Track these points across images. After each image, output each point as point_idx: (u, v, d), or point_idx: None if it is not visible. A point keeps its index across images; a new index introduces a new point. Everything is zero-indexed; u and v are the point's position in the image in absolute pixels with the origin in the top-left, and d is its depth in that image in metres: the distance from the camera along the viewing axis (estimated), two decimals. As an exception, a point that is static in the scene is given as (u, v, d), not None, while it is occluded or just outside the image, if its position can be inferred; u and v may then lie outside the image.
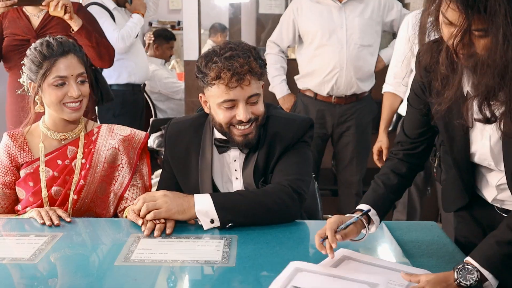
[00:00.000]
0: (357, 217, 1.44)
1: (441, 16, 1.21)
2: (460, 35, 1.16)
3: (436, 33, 1.27)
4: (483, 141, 1.36)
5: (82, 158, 1.90)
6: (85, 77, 1.87)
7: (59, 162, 1.89)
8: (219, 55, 1.69)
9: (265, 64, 1.77)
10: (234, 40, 1.78)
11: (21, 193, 1.89)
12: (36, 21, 2.68)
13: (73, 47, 1.86)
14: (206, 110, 1.83)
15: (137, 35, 3.77)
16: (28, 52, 1.86)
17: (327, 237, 1.38)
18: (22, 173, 1.88)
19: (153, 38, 4.71)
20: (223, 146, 1.83)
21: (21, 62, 1.88)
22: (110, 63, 2.85)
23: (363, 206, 1.50)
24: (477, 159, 1.42)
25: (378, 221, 1.49)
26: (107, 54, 2.76)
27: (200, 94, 1.82)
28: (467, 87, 1.31)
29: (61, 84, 1.82)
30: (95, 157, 1.91)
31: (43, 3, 2.49)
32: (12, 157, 1.88)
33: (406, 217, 2.96)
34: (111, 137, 1.95)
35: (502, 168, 1.36)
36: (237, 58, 1.67)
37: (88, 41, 2.64)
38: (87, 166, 1.89)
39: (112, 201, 1.94)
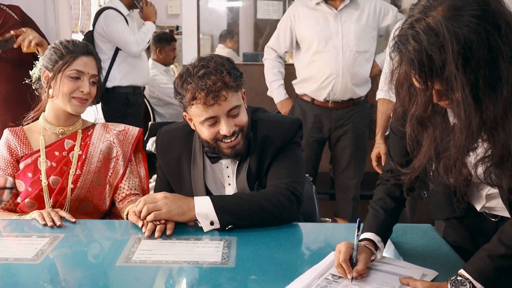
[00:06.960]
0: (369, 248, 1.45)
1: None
2: (424, 100, 1.24)
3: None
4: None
5: (79, 150, 1.99)
6: (97, 80, 2.00)
7: (56, 153, 1.97)
8: (192, 75, 1.70)
9: (241, 74, 1.77)
10: (207, 55, 1.78)
11: (20, 185, 1.95)
12: None
13: (95, 52, 2.02)
14: (192, 127, 1.84)
15: (149, 41, 3.95)
16: (52, 44, 2.00)
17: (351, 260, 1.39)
18: (21, 165, 1.96)
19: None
20: (214, 157, 1.86)
21: None
22: None
23: (370, 235, 1.48)
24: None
25: (383, 247, 1.50)
26: None
27: (183, 113, 1.83)
28: (452, 120, 1.29)
29: (77, 78, 1.93)
30: (91, 149, 2.00)
31: (15, 45, 2.52)
32: (12, 150, 1.96)
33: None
34: (106, 132, 2.06)
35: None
36: (210, 76, 1.68)
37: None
38: (83, 157, 1.97)
39: (108, 192, 2.01)
